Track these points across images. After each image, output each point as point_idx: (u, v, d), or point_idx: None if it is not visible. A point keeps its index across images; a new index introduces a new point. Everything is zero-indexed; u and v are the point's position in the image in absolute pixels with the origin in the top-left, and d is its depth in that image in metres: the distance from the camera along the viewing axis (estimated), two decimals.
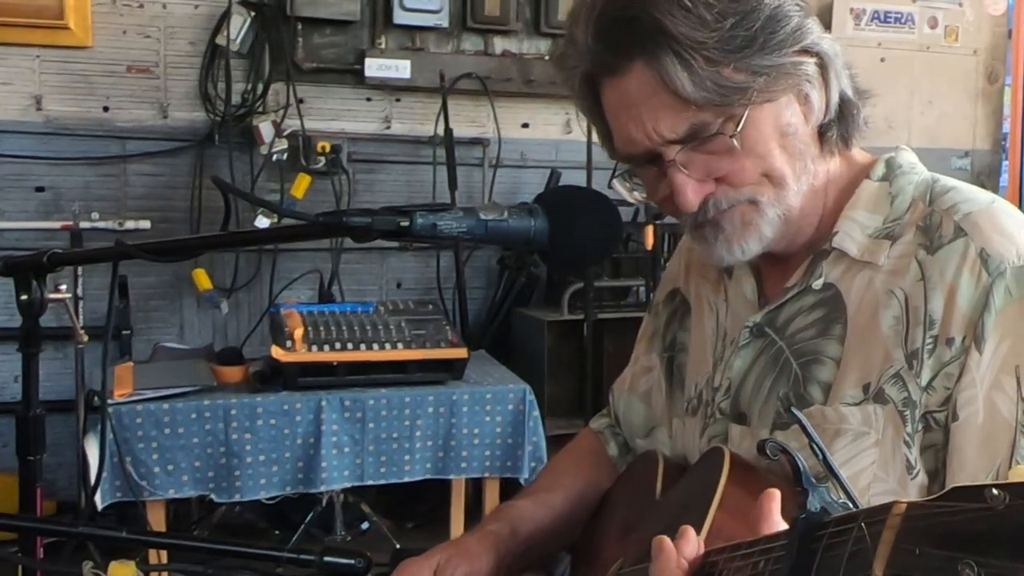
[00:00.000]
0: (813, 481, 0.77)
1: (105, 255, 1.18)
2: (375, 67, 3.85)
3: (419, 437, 3.02)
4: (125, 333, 3.52)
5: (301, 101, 3.80)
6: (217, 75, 3.77)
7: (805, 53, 1.03)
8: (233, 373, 3.09)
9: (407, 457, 3.02)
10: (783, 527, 0.80)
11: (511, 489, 3.09)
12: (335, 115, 3.93)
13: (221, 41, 3.73)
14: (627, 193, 1.14)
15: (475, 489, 3.38)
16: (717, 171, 1.03)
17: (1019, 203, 4.77)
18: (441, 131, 3.86)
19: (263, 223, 3.52)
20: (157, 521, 2.87)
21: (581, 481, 1.36)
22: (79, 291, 3.50)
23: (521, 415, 3.09)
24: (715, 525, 0.97)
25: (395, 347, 3.01)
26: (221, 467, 2.87)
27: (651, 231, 3.75)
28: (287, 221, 1.08)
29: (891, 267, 1.05)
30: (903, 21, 4.66)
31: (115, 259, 1.17)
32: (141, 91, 3.75)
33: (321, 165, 3.79)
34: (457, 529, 3.20)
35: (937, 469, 1.02)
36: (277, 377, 2.96)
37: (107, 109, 3.72)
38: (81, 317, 3.44)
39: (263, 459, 2.90)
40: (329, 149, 3.77)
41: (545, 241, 1.06)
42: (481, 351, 3.63)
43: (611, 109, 1.07)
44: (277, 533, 3.62)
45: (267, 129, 3.74)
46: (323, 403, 2.93)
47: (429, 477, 3.07)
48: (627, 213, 3.77)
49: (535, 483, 1.42)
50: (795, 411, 0.87)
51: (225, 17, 3.71)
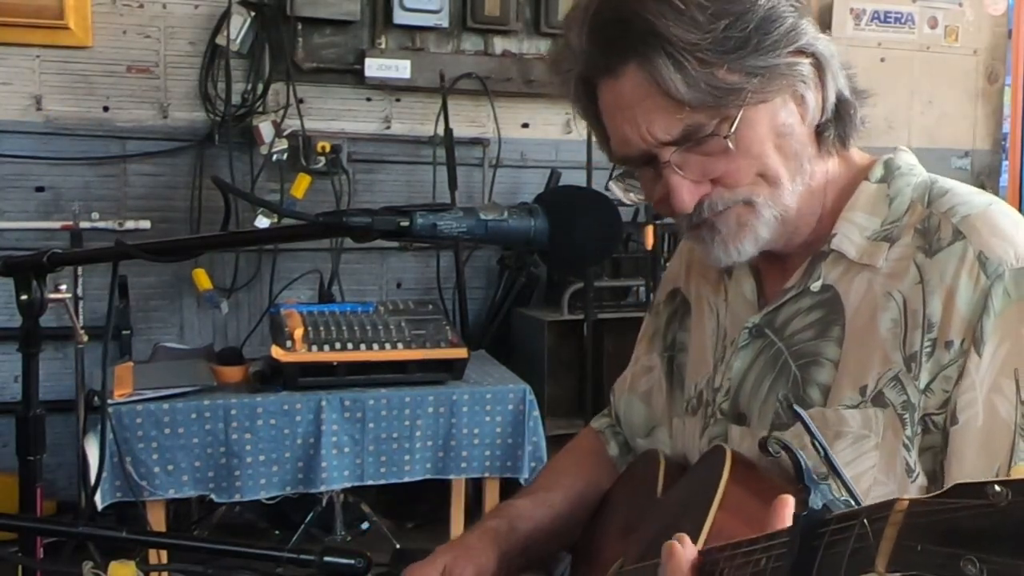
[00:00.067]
0: (815, 478, 0.77)
1: (105, 255, 1.18)
2: (375, 67, 3.85)
3: (419, 437, 3.02)
4: (125, 333, 3.52)
5: (301, 101, 3.80)
6: (217, 75, 3.77)
7: (800, 54, 1.03)
8: (233, 373, 3.09)
9: (407, 457, 3.02)
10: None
11: (511, 489, 3.09)
12: (335, 115, 3.93)
13: (221, 41, 3.73)
14: (623, 195, 1.14)
15: (475, 489, 3.38)
16: (712, 172, 1.03)
17: (1019, 203, 4.77)
18: (441, 131, 3.86)
19: (263, 223, 3.51)
20: (157, 521, 2.87)
21: (581, 481, 1.36)
22: (79, 291, 3.50)
23: (521, 415, 3.09)
24: (716, 524, 0.97)
25: (395, 347, 3.01)
26: (221, 467, 2.88)
27: (651, 231, 3.75)
28: (287, 221, 1.08)
29: (889, 270, 1.05)
30: (903, 21, 4.66)
31: (115, 259, 1.17)
32: (141, 91, 3.75)
33: (321, 165, 3.79)
34: (457, 529, 3.20)
35: (936, 471, 1.02)
36: (277, 377, 2.97)
37: (107, 109, 3.72)
38: (81, 317, 3.44)
39: (263, 459, 2.90)
40: (329, 149, 3.77)
41: (545, 241, 1.06)
42: (481, 351, 3.62)
43: (607, 111, 1.07)
44: (277, 533, 3.62)
45: (267, 129, 3.74)
46: (323, 403, 2.93)
47: (429, 477, 3.07)
48: (627, 213, 3.77)
49: (535, 482, 1.42)
50: (797, 408, 0.87)
51: (225, 17, 3.71)
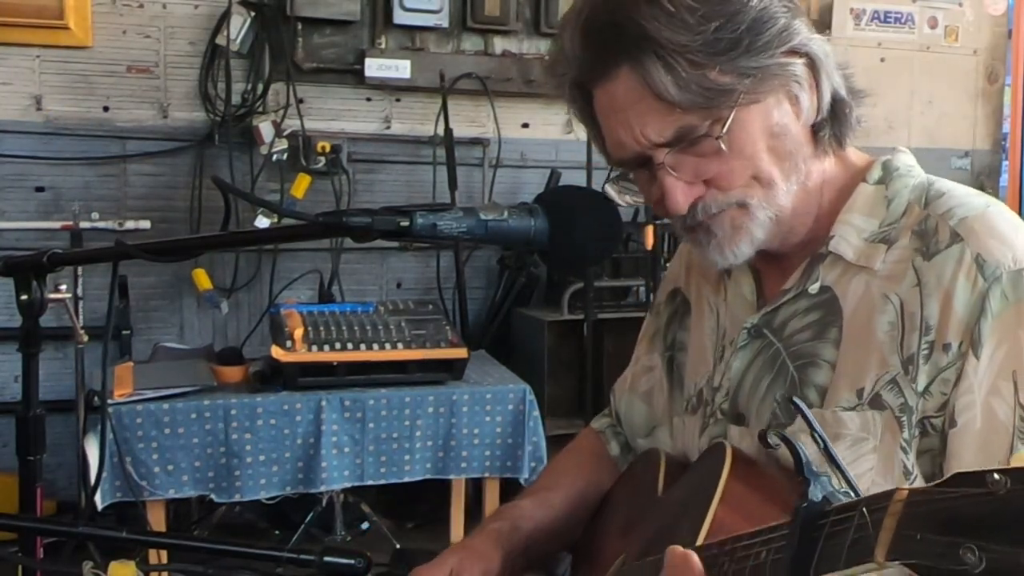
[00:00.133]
0: (815, 470, 0.77)
1: (105, 255, 1.18)
2: (375, 67, 3.85)
3: (419, 437, 3.02)
4: (125, 333, 3.52)
5: (301, 101, 3.81)
6: (217, 75, 3.77)
7: (793, 54, 1.03)
8: (233, 373, 3.09)
9: (407, 457, 3.02)
10: None
11: (511, 489, 3.09)
12: (335, 115, 3.93)
13: (221, 41, 3.73)
14: (618, 197, 1.15)
15: (475, 489, 3.38)
16: (706, 173, 1.04)
17: (1019, 203, 4.77)
18: (441, 131, 3.86)
19: (263, 223, 3.52)
20: (157, 521, 2.87)
21: (582, 481, 1.37)
22: (79, 291, 3.50)
23: (521, 415, 3.09)
24: (716, 520, 0.97)
25: (395, 347, 3.01)
26: (221, 467, 2.88)
27: (651, 231, 3.75)
28: (287, 221, 1.08)
29: (887, 272, 1.06)
30: (903, 21, 4.66)
31: (115, 259, 1.17)
32: (141, 91, 3.75)
33: (321, 165, 3.79)
34: (457, 529, 3.20)
35: (934, 474, 1.02)
36: (277, 377, 2.97)
37: (107, 109, 3.72)
38: (81, 317, 3.44)
39: (263, 459, 2.90)
40: (329, 149, 3.77)
41: (545, 241, 1.06)
42: (481, 351, 3.62)
43: (602, 114, 1.08)
44: (277, 533, 3.62)
45: (267, 129, 3.74)
46: (323, 403, 2.93)
47: (429, 477, 3.07)
48: (627, 213, 3.77)
49: (536, 483, 1.43)
50: (796, 400, 0.87)
51: (225, 17, 3.71)
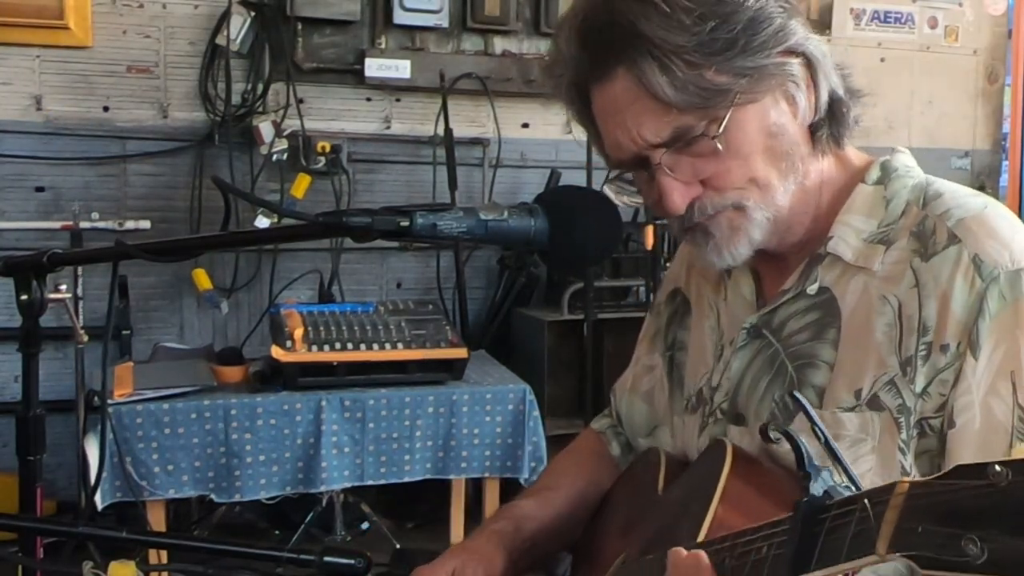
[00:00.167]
0: (816, 465, 0.77)
1: (105, 255, 1.18)
2: (375, 67, 3.85)
3: (419, 437, 3.01)
4: (125, 333, 3.52)
5: (301, 101, 3.80)
6: (217, 75, 3.76)
7: (790, 54, 1.03)
8: (233, 373, 3.09)
9: (407, 457, 3.01)
10: None
11: (511, 489, 3.09)
12: (335, 115, 3.93)
13: (221, 41, 3.72)
14: (616, 198, 1.15)
15: (475, 489, 3.38)
16: (703, 173, 1.04)
17: (1019, 203, 4.77)
18: (441, 131, 3.86)
19: (263, 223, 3.51)
20: (157, 521, 2.86)
21: (582, 480, 1.37)
22: (79, 291, 3.50)
23: (521, 415, 3.08)
24: (717, 517, 0.97)
25: (395, 347, 3.00)
26: (221, 467, 2.87)
27: (651, 231, 3.75)
28: (287, 221, 1.08)
29: (886, 273, 1.06)
30: (903, 21, 4.66)
31: (115, 259, 1.17)
32: (141, 91, 3.75)
33: (321, 165, 3.79)
34: (457, 529, 3.20)
35: (933, 474, 1.02)
36: (277, 377, 2.96)
37: (107, 109, 3.72)
38: (81, 317, 3.44)
39: (263, 459, 2.90)
40: (329, 149, 3.77)
41: (545, 241, 1.05)
42: (481, 351, 3.62)
43: (599, 115, 1.08)
44: (277, 533, 3.62)
45: (267, 129, 3.74)
46: (323, 403, 2.92)
47: (429, 477, 3.07)
48: (627, 213, 3.77)
49: (537, 483, 1.43)
50: (796, 394, 0.87)
51: (225, 17, 3.71)
